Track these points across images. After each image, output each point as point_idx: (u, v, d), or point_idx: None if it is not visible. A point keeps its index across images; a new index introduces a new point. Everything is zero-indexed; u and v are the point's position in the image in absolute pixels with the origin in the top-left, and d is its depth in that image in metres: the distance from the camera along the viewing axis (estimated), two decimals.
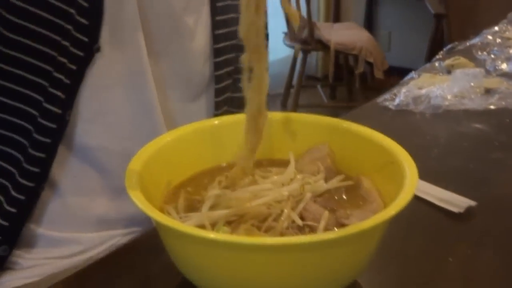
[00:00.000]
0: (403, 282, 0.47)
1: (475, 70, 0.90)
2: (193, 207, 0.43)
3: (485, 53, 1.16)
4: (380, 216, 0.35)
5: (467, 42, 1.28)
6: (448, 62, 1.05)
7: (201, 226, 0.40)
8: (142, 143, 0.61)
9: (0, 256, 0.64)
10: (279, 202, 0.42)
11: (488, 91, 0.90)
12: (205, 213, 0.41)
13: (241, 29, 0.40)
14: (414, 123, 0.81)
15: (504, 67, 1.04)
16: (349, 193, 0.46)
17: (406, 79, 1.01)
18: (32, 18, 0.58)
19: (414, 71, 1.04)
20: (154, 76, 0.68)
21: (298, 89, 2.91)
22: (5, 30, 0.58)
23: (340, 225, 0.41)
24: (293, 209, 0.41)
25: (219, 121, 0.51)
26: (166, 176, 0.46)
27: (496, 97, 0.86)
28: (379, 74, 2.69)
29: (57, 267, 0.67)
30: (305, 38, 2.80)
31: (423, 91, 0.87)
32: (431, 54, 2.46)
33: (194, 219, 0.40)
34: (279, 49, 3.31)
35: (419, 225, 0.55)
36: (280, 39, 3.03)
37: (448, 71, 1.02)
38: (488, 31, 1.35)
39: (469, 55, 1.14)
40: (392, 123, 0.81)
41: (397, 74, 3.05)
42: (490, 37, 1.28)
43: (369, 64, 2.76)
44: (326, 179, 0.47)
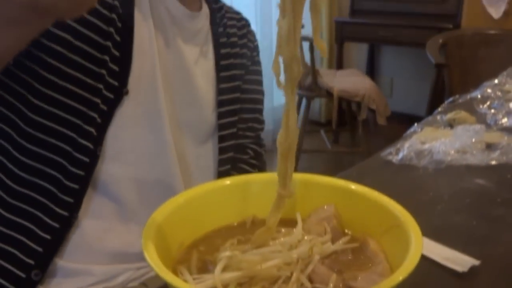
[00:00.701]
0: None
1: (476, 126, 0.93)
2: (205, 267, 0.45)
3: (485, 106, 1.18)
4: (388, 282, 0.37)
5: (467, 95, 1.31)
6: (449, 116, 1.07)
7: None
8: (156, 180, 0.76)
9: (32, 280, 0.67)
10: (289, 264, 0.44)
11: (489, 146, 0.92)
12: (217, 275, 0.42)
13: (284, 61, 0.43)
14: (417, 178, 0.83)
15: (504, 121, 1.06)
16: (356, 254, 0.47)
17: (408, 132, 1.03)
18: (71, 63, 0.68)
19: (417, 124, 1.06)
20: (169, 120, 0.77)
21: (301, 135, 2.94)
22: (45, 72, 0.67)
23: (347, 287, 0.43)
24: (302, 271, 0.43)
25: (230, 182, 0.53)
26: (180, 236, 0.48)
27: (497, 152, 0.88)
28: (381, 120, 2.72)
29: None
30: (308, 85, 2.85)
31: (426, 146, 0.89)
32: (433, 102, 2.50)
33: (207, 281, 0.41)
34: (282, 95, 3.36)
35: (423, 283, 0.56)
36: None
37: (449, 125, 1.05)
38: (488, 83, 1.39)
39: (469, 108, 1.17)
40: (395, 178, 0.83)
41: (399, 120, 3.10)
42: (490, 90, 1.31)
43: (372, 110, 2.80)
44: (332, 240, 0.48)
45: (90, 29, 0.69)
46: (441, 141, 0.90)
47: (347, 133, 3.27)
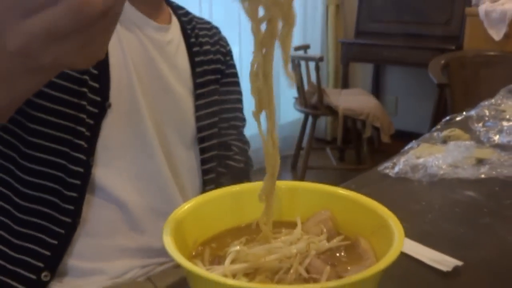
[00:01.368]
0: None
1: (467, 142, 0.99)
2: (217, 261, 0.52)
3: (480, 124, 1.25)
4: (371, 269, 0.43)
5: (464, 113, 1.38)
6: (445, 133, 1.14)
7: (224, 276, 0.48)
8: (149, 181, 0.85)
9: (42, 282, 0.74)
10: (289, 258, 0.50)
11: (480, 161, 0.98)
12: (227, 266, 0.49)
13: (252, 93, 0.48)
14: (411, 190, 0.89)
15: (496, 138, 1.13)
16: (348, 251, 0.54)
17: (406, 148, 1.10)
18: (54, 85, 0.75)
19: (414, 141, 1.13)
20: (152, 126, 0.85)
21: (307, 152, 3.01)
22: (34, 97, 0.74)
23: (339, 278, 0.49)
24: (300, 264, 0.50)
25: (240, 188, 0.60)
26: (194, 234, 0.54)
27: (487, 167, 0.95)
28: (385, 138, 2.79)
29: None
30: (314, 103, 2.93)
31: (421, 160, 0.96)
32: (435, 121, 2.56)
33: (218, 270, 0.48)
34: (290, 113, 3.44)
35: (411, 280, 0.63)
36: (291, 103, 3.17)
37: (444, 141, 1.11)
38: (484, 103, 1.45)
39: (465, 126, 1.23)
40: (391, 190, 0.90)
41: (403, 138, 3.16)
42: (485, 110, 1.38)
43: (376, 128, 2.87)
44: (328, 239, 0.55)
45: None
46: (434, 156, 0.96)
47: (352, 151, 3.33)
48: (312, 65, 2.95)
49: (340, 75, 3.66)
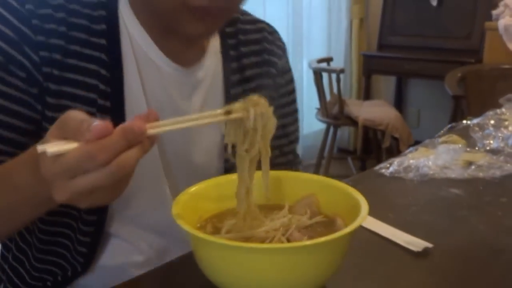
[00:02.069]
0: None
1: (456, 146, 1.08)
2: (216, 232, 0.63)
3: (480, 132, 1.33)
4: (336, 234, 0.54)
5: (467, 122, 1.46)
6: (443, 139, 1.23)
7: None
8: (161, 227, 0.82)
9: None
10: (274, 230, 0.61)
11: (470, 164, 1.07)
12: (223, 234, 0.60)
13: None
14: (402, 187, 0.99)
15: (491, 143, 1.21)
16: (327, 228, 0.64)
17: (406, 152, 1.20)
18: None
19: (413, 146, 1.22)
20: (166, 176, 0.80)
21: (328, 161, 3.10)
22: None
23: None
24: (283, 235, 0.61)
25: (236, 177, 0.71)
26: (199, 211, 0.66)
27: (474, 168, 1.04)
28: (404, 148, 2.86)
29: None
30: (335, 114, 3.03)
31: (413, 161, 1.06)
32: None
33: (216, 237, 0.60)
34: (313, 123, 3.55)
35: (386, 259, 0.73)
36: (313, 114, 3.27)
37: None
38: (489, 112, 1.53)
39: (465, 133, 1.32)
40: (384, 187, 1.00)
41: None
42: (488, 119, 1.46)
43: (396, 139, 2.94)
44: (310, 218, 0.66)
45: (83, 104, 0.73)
46: (426, 158, 1.06)
47: (373, 161, 3.40)
48: (334, 76, 3.05)
49: (362, 87, 3.75)
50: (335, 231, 0.63)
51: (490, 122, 1.42)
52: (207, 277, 0.59)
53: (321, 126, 3.46)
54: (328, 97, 3.15)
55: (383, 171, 1.05)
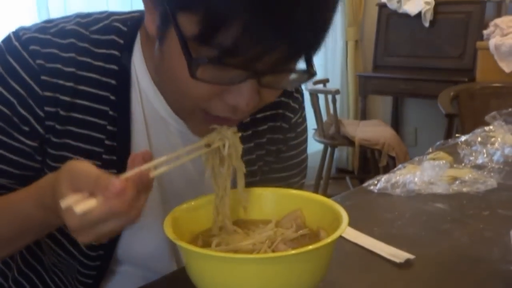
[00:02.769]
0: None
1: (441, 162, 1.13)
2: (207, 246, 0.67)
3: (466, 149, 1.38)
4: (318, 244, 0.58)
5: (456, 139, 1.51)
6: (430, 156, 1.28)
7: None
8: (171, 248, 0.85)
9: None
10: (261, 243, 0.65)
11: (455, 179, 1.11)
12: (213, 247, 0.64)
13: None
14: (389, 203, 1.03)
15: (476, 159, 1.25)
16: (311, 240, 0.68)
17: (395, 169, 1.24)
18: None
19: (401, 164, 1.27)
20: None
21: (326, 181, 3.14)
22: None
23: None
24: (269, 247, 0.65)
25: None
26: (191, 227, 0.70)
27: (459, 184, 1.08)
28: None
29: None
30: (332, 134, 3.08)
31: (400, 177, 1.10)
32: None
33: (207, 250, 0.63)
34: (310, 144, 3.58)
35: (370, 270, 0.76)
36: (311, 134, 3.32)
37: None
38: (477, 130, 1.58)
39: (453, 150, 1.36)
40: (372, 203, 1.04)
41: None
42: (476, 136, 1.50)
43: (393, 158, 2.98)
44: (296, 231, 0.70)
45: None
46: (412, 174, 1.10)
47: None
48: (330, 97, 3.11)
49: (359, 107, 3.81)
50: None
51: (477, 139, 1.47)
52: None
53: (319, 146, 3.50)
54: (325, 117, 3.20)
55: (371, 187, 1.10)
